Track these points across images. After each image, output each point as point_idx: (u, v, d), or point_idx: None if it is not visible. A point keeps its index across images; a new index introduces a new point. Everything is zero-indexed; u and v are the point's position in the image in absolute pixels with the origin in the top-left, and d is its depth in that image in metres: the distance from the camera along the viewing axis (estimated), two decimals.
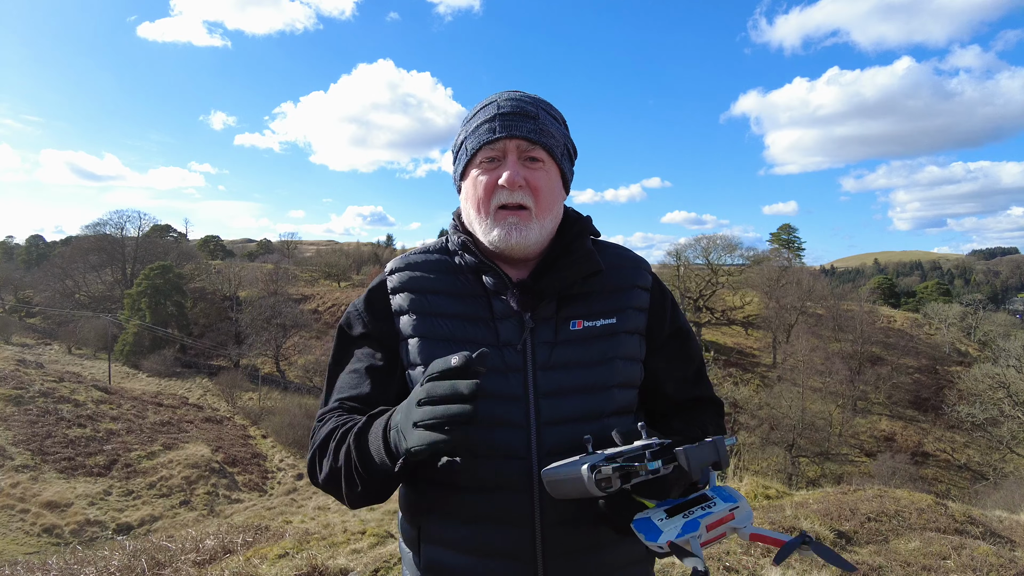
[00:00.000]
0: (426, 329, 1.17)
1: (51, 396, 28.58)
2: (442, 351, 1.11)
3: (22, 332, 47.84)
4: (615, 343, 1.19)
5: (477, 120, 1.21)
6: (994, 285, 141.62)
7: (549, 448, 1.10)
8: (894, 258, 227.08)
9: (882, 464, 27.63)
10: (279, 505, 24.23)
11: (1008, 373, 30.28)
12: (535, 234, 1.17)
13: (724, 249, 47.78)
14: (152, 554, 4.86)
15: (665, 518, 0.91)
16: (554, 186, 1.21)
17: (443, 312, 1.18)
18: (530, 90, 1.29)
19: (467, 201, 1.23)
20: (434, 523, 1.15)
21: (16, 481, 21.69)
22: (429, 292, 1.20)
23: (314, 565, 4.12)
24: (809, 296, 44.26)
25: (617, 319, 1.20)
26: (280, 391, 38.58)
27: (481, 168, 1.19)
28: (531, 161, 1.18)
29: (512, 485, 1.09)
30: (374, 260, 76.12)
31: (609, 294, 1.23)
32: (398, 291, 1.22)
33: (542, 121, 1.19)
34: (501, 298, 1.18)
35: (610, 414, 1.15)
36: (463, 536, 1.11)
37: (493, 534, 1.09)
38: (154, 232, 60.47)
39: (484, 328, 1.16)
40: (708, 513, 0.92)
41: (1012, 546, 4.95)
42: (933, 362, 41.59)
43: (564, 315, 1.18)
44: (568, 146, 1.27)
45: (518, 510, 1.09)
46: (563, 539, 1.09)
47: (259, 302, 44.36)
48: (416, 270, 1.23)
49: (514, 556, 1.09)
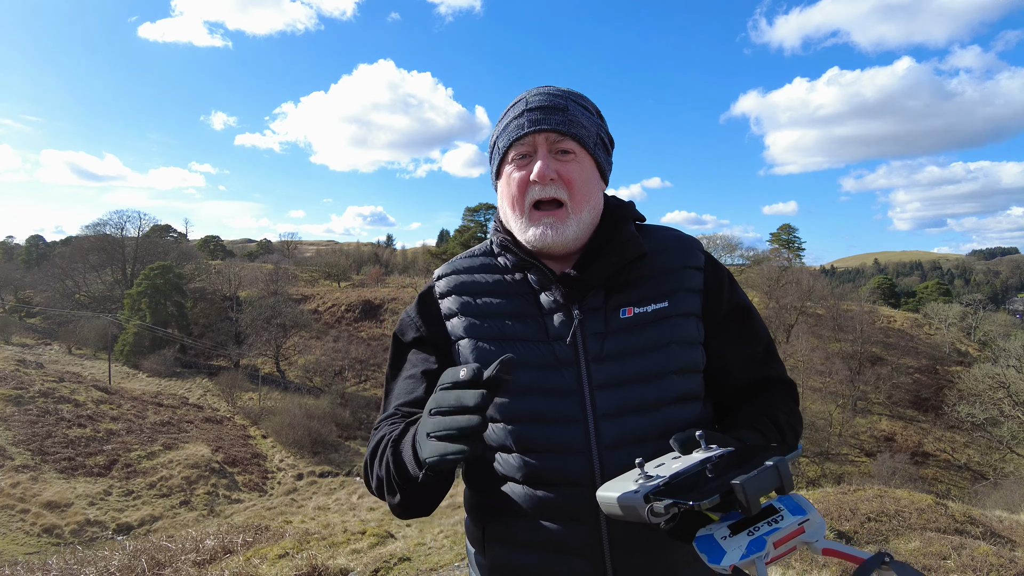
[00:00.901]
0: (476, 330, 1.17)
1: (51, 396, 28.59)
2: (493, 350, 1.14)
3: (22, 332, 47.82)
4: (669, 327, 1.14)
5: (507, 118, 1.21)
6: (994, 285, 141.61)
7: (608, 442, 1.08)
8: (894, 258, 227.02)
9: (882, 464, 27.61)
10: (279, 505, 24.22)
11: (1008, 373, 30.27)
12: (572, 230, 1.15)
13: (724, 249, 47.83)
14: (152, 554, 4.86)
15: (729, 535, 0.84)
16: (589, 177, 1.18)
17: (492, 312, 1.18)
18: None
19: (503, 200, 1.23)
20: (498, 522, 1.15)
21: (16, 481, 21.68)
22: (477, 293, 1.21)
23: (314, 565, 4.12)
24: (809, 296, 44.26)
25: (669, 302, 1.16)
26: (280, 391, 38.57)
27: (514, 165, 1.19)
28: (562, 153, 1.17)
29: (573, 481, 1.08)
30: (374, 260, 76.20)
31: (658, 277, 1.19)
32: (447, 295, 1.24)
33: (571, 112, 1.18)
34: (547, 293, 1.17)
35: (670, 402, 1.11)
36: (528, 534, 1.11)
37: (558, 531, 1.09)
38: (154, 232, 60.45)
39: (533, 324, 1.16)
40: (776, 529, 0.84)
41: (1012, 546, 4.95)
42: (933, 362, 41.58)
43: (613, 304, 1.16)
44: (602, 135, 1.24)
45: (581, 506, 1.07)
46: (629, 534, 1.07)
47: (259, 302, 44.35)
48: (463, 273, 1.25)
49: (581, 552, 1.08)
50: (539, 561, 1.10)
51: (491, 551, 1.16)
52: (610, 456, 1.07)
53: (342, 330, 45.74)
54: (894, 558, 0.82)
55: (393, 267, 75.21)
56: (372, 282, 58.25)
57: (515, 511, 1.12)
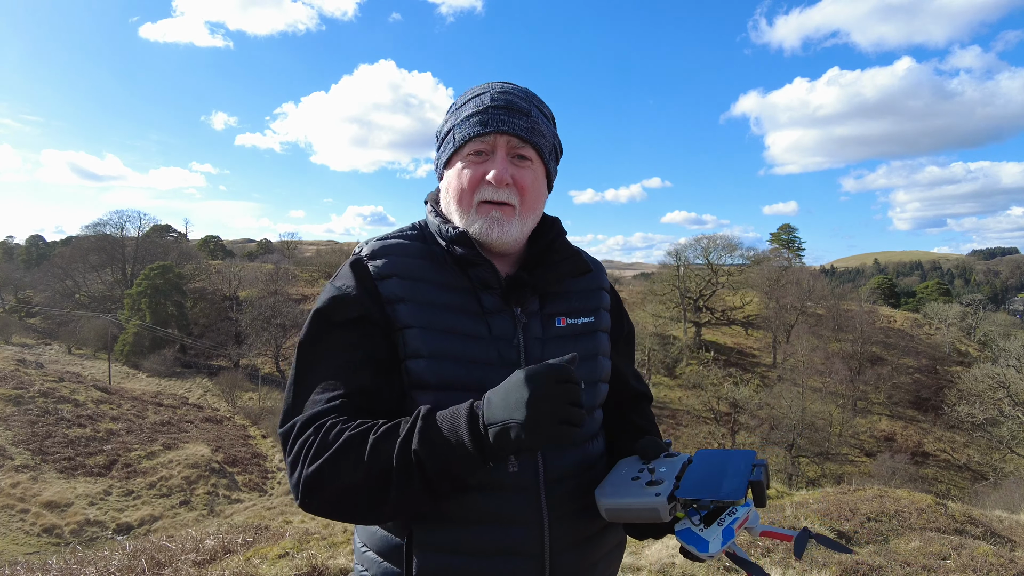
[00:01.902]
0: (427, 319, 1.10)
1: (51, 396, 28.58)
2: (446, 343, 1.09)
3: (22, 332, 47.80)
4: (595, 340, 1.24)
5: (468, 110, 1.18)
6: (994, 285, 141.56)
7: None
8: (894, 258, 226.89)
9: (882, 464, 27.63)
10: (279, 505, 24.22)
11: (1008, 373, 30.27)
12: (516, 231, 1.17)
13: (724, 249, 47.78)
14: (152, 554, 4.85)
15: (703, 528, 0.96)
16: (540, 185, 1.22)
17: (438, 303, 1.12)
18: (531, 90, 1.27)
19: (448, 191, 1.21)
20: (429, 529, 1.07)
21: (16, 481, 21.68)
22: (420, 280, 1.14)
23: (314, 565, 4.12)
24: (809, 296, 44.25)
25: (594, 318, 1.25)
26: (280, 391, 38.53)
27: (468, 161, 1.17)
28: (519, 159, 1.17)
29: (517, 484, 1.07)
30: None
31: (584, 294, 1.27)
32: (387, 276, 1.13)
33: (534, 119, 1.18)
34: (490, 293, 1.16)
35: (595, 408, 1.23)
36: (465, 538, 1.07)
37: (498, 533, 1.07)
38: (154, 232, 60.41)
39: (478, 322, 1.13)
40: (735, 519, 0.96)
41: (1012, 546, 4.95)
42: (933, 362, 41.58)
43: (548, 312, 1.20)
44: (556, 145, 1.26)
45: (525, 508, 1.07)
46: (568, 533, 1.10)
47: (259, 302, 44.35)
48: (398, 255, 1.16)
49: (522, 553, 1.07)
50: (477, 566, 1.06)
51: (420, 561, 1.07)
52: (552, 459, 1.10)
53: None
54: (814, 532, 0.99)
55: None
56: None
57: (451, 515, 1.06)
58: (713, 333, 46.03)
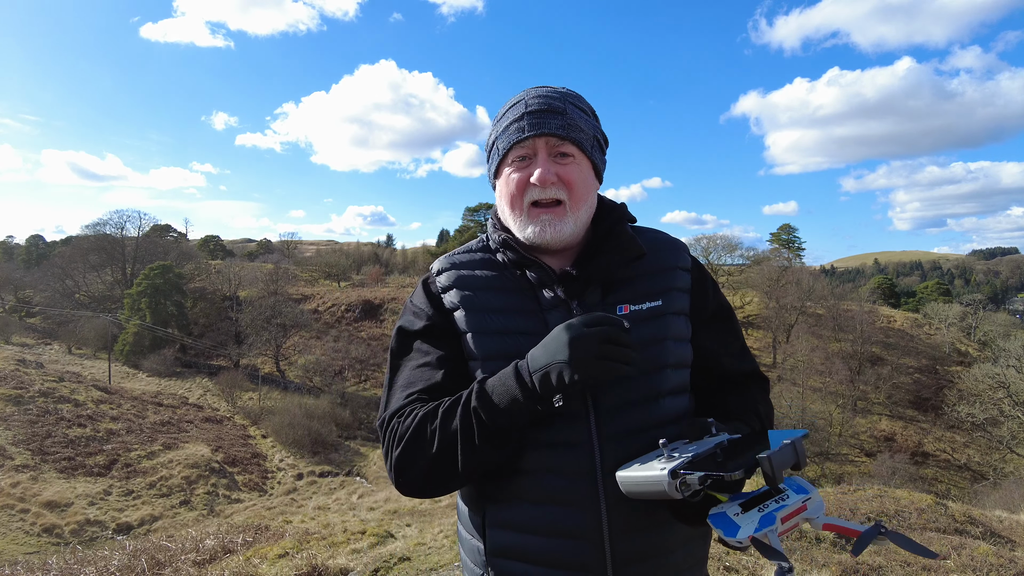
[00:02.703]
0: (478, 324, 1.20)
1: (51, 396, 28.58)
2: (495, 344, 1.18)
3: (22, 332, 47.80)
4: (663, 324, 1.21)
5: (507, 119, 1.24)
6: (994, 285, 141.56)
7: (609, 434, 1.13)
8: (894, 258, 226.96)
9: (882, 464, 27.61)
10: (279, 505, 24.22)
11: (1008, 373, 30.26)
12: (570, 227, 1.21)
13: (724, 249, 47.81)
14: (152, 554, 4.86)
15: (740, 512, 0.92)
16: (586, 178, 1.24)
17: (493, 307, 1.21)
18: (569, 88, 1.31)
19: (502, 199, 1.27)
20: (499, 508, 1.17)
21: (16, 481, 21.68)
22: (478, 288, 1.24)
23: (314, 565, 4.12)
24: (809, 296, 44.23)
25: (663, 301, 1.23)
26: (280, 391, 38.55)
27: (513, 167, 1.23)
28: (561, 156, 1.21)
29: (575, 473, 1.12)
30: (374, 260, 76.16)
31: (652, 277, 1.25)
32: (448, 289, 1.26)
33: (570, 116, 1.21)
34: (546, 290, 1.21)
35: (666, 394, 1.19)
36: (530, 518, 1.14)
37: (560, 515, 1.12)
38: (154, 232, 60.42)
39: (534, 319, 1.19)
40: (783, 506, 0.93)
41: (1012, 546, 4.95)
42: (933, 362, 41.54)
43: (611, 301, 1.21)
44: (598, 137, 1.29)
45: (582, 494, 1.11)
46: (627, 518, 1.11)
47: (259, 302, 44.32)
48: (462, 268, 1.28)
49: (581, 536, 1.11)
50: (540, 545, 1.13)
51: (492, 536, 1.18)
52: (610, 447, 1.12)
53: (342, 330, 45.72)
54: (888, 528, 0.92)
55: (393, 267, 75.12)
56: (372, 282, 58.23)
57: (517, 496, 1.15)
58: None
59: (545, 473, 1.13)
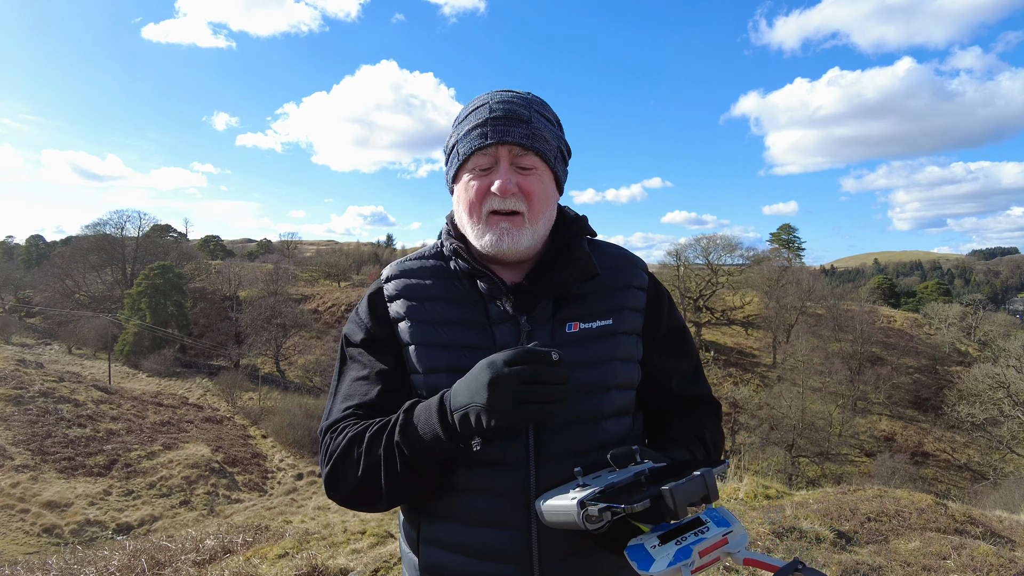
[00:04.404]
0: (423, 336, 1.17)
1: (51, 396, 28.59)
2: (439, 357, 1.14)
3: (22, 332, 47.83)
4: (612, 344, 1.18)
5: (469, 123, 1.19)
6: (994, 285, 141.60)
7: (547, 454, 1.10)
8: (894, 258, 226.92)
9: (882, 464, 27.60)
10: (279, 505, 24.22)
11: (1008, 373, 30.27)
12: (527, 239, 1.16)
13: (724, 249, 47.78)
14: (152, 554, 4.86)
15: (658, 544, 0.90)
16: (547, 189, 1.20)
17: (439, 318, 1.18)
18: (532, 90, 1.26)
19: (459, 205, 1.22)
20: (433, 525, 1.16)
21: (16, 481, 21.68)
22: (425, 298, 1.20)
23: (314, 565, 4.12)
24: (809, 296, 44.22)
25: (613, 320, 1.19)
26: (280, 391, 38.56)
27: (473, 173, 1.18)
28: (523, 169, 1.17)
29: (508, 493, 1.09)
30: (374, 260, 76.12)
31: (606, 295, 1.22)
32: (395, 298, 1.23)
33: (535, 124, 1.17)
34: (496, 302, 1.17)
35: (608, 416, 1.16)
36: (461, 538, 1.12)
37: (490, 536, 1.10)
38: (154, 232, 60.40)
39: (481, 333, 1.16)
40: (701, 539, 0.91)
41: (1012, 546, 4.95)
42: (933, 362, 41.56)
43: (561, 317, 1.18)
44: (561, 147, 1.24)
45: (514, 514, 1.09)
46: (559, 543, 1.09)
47: (259, 302, 44.39)
48: (412, 276, 1.24)
49: (510, 559, 1.09)
50: (468, 566, 1.11)
51: (424, 553, 1.17)
52: (547, 469, 1.09)
53: (342, 330, 45.74)
54: (806, 565, 0.88)
55: None
56: (372, 282, 58.16)
57: (449, 515, 1.13)
58: (713, 333, 46.03)
59: (478, 493, 1.10)
